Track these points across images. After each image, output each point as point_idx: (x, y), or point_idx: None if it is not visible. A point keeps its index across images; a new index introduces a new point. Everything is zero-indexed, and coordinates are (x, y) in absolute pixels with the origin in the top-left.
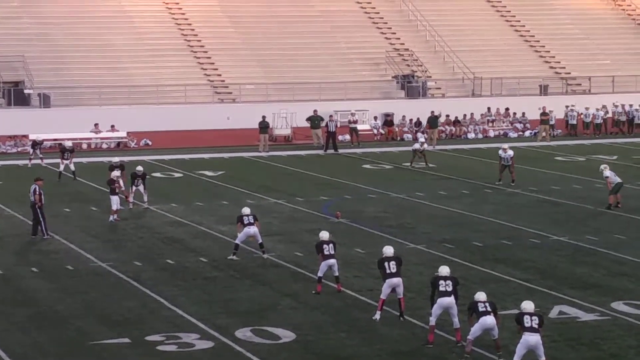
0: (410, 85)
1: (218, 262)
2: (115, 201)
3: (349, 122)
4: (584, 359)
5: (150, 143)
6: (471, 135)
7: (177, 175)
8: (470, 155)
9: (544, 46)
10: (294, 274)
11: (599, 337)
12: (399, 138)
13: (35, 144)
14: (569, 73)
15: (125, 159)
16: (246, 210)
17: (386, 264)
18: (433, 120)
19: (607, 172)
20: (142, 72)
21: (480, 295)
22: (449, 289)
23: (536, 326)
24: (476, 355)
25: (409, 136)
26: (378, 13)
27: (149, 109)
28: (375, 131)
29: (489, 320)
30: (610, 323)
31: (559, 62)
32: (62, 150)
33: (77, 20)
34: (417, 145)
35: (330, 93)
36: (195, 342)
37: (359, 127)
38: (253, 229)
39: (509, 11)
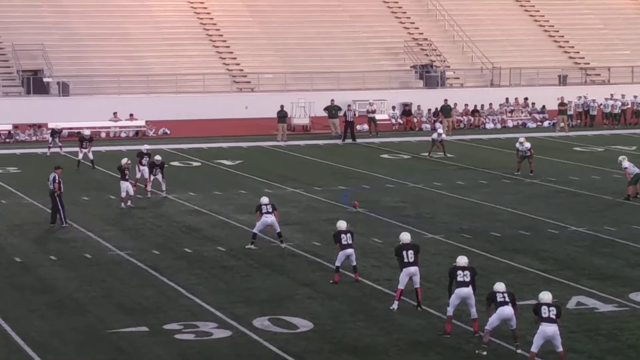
0: (429, 75)
1: (236, 252)
2: (124, 187)
3: (367, 111)
4: (602, 350)
5: (168, 132)
6: (489, 126)
7: (195, 164)
8: (488, 145)
9: (563, 36)
10: (311, 263)
11: (617, 328)
12: (417, 128)
13: (55, 133)
14: (588, 63)
15: (142, 147)
16: (264, 200)
17: (404, 252)
18: (446, 109)
19: (626, 163)
20: (160, 61)
21: (499, 286)
22: (467, 279)
23: (554, 317)
24: (494, 346)
25: (427, 126)
26: (397, 2)
27: (167, 98)
28: (393, 121)
29: (507, 310)
30: (629, 314)
31: (578, 52)
32: (80, 139)
33: (96, 9)
34: (435, 135)
35: (349, 82)
36: (213, 330)
37: (377, 116)
38: (271, 218)
39: (529, 1)
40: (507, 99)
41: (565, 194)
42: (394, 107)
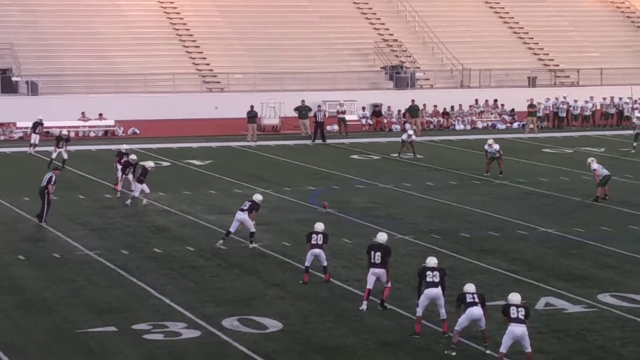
0: (399, 76)
1: (205, 251)
2: (139, 188)
3: (337, 112)
4: (570, 351)
5: (138, 132)
6: (459, 127)
7: (164, 164)
8: (458, 146)
9: (532, 38)
10: (281, 263)
11: (585, 328)
12: (387, 129)
13: (37, 125)
14: (558, 65)
15: (113, 147)
16: (257, 197)
17: (372, 252)
18: (414, 109)
19: (595, 165)
20: (130, 60)
21: (469, 287)
22: (436, 279)
23: (522, 317)
24: (463, 346)
25: (397, 127)
26: (367, 3)
27: (136, 98)
28: (363, 122)
29: (476, 311)
30: (597, 315)
31: (548, 54)
32: (57, 138)
33: (65, 8)
34: (405, 136)
35: (319, 83)
36: (182, 331)
37: (347, 117)
38: (241, 216)
39: (498, 3)
40: (476, 101)
41: (534, 195)
42: (364, 108)
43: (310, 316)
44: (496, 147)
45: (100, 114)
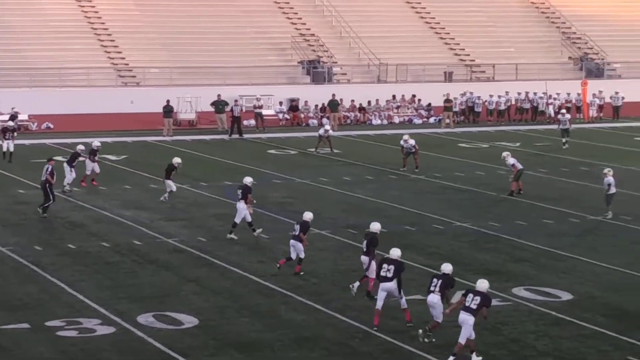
0: (316, 71)
1: (121, 247)
2: (169, 184)
3: (254, 107)
4: (486, 344)
5: (52, 126)
6: (376, 122)
7: (79, 159)
8: (375, 141)
9: (449, 33)
10: (197, 259)
11: (500, 322)
12: (304, 124)
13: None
14: (474, 60)
15: (27, 142)
16: (247, 180)
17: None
18: (334, 104)
19: (511, 159)
20: (44, 54)
21: (446, 267)
22: (389, 275)
23: (474, 307)
24: (380, 341)
25: (315, 122)
26: None
27: (51, 92)
28: (280, 116)
29: (429, 298)
30: (512, 308)
31: (464, 50)
32: (4, 130)
33: None
34: (322, 131)
35: (236, 78)
36: (96, 327)
37: (264, 112)
38: (240, 205)
39: None
40: (393, 96)
41: (450, 189)
42: (281, 103)
43: (226, 311)
44: (412, 142)
45: (13, 109)
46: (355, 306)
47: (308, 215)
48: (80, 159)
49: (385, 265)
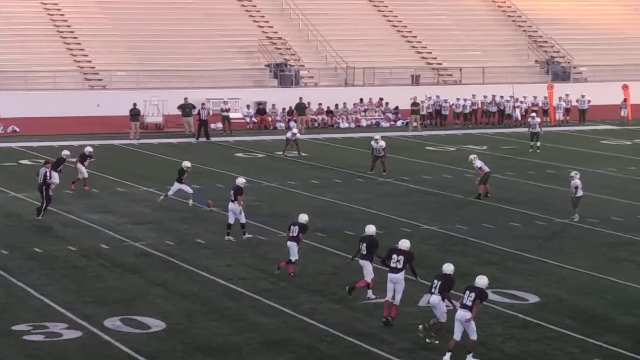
0: (283, 74)
1: (88, 251)
2: (179, 188)
3: (221, 110)
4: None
5: (18, 130)
6: (344, 125)
7: (65, 163)
8: (342, 144)
9: (416, 37)
10: (164, 262)
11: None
12: (271, 127)
13: None
14: (441, 64)
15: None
16: (239, 181)
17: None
18: (301, 107)
19: (478, 162)
20: (9, 57)
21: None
22: (399, 265)
23: (469, 303)
24: (347, 344)
25: (282, 125)
26: (251, 1)
27: (16, 95)
28: (247, 120)
29: (432, 299)
30: (479, 311)
31: (431, 53)
32: None
33: None
34: (289, 134)
35: (203, 81)
36: (63, 331)
37: (232, 115)
38: (231, 206)
39: (382, 1)
40: (361, 99)
41: (418, 192)
42: (248, 106)
43: (193, 315)
44: (382, 143)
45: None
46: (324, 309)
47: (304, 218)
48: (66, 163)
49: (394, 256)
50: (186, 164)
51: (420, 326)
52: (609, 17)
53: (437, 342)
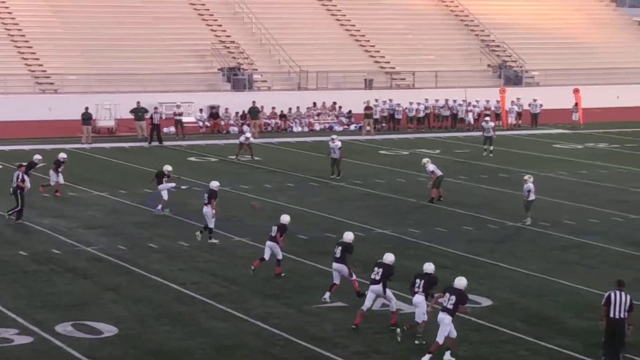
0: (236, 78)
1: (39, 256)
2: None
3: (174, 114)
4: (408, 350)
5: None
6: (297, 129)
7: (37, 167)
8: (295, 148)
9: (369, 40)
10: (116, 267)
11: (423, 328)
12: (224, 131)
13: None
14: (394, 68)
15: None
16: (213, 184)
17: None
18: (254, 111)
19: (431, 166)
20: None
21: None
22: (377, 277)
23: (449, 307)
24: (300, 348)
25: (235, 129)
26: (204, 5)
27: None
28: (200, 124)
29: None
30: (433, 314)
31: (384, 57)
32: None
33: None
34: (242, 138)
35: (155, 85)
36: (13, 337)
37: (184, 119)
38: (205, 209)
39: (335, 5)
40: (314, 103)
41: (370, 196)
42: (201, 110)
43: (145, 320)
44: (338, 143)
45: None
46: (277, 314)
47: (285, 219)
48: (38, 166)
49: (375, 269)
50: (167, 167)
51: (399, 329)
52: (561, 22)
53: (424, 342)
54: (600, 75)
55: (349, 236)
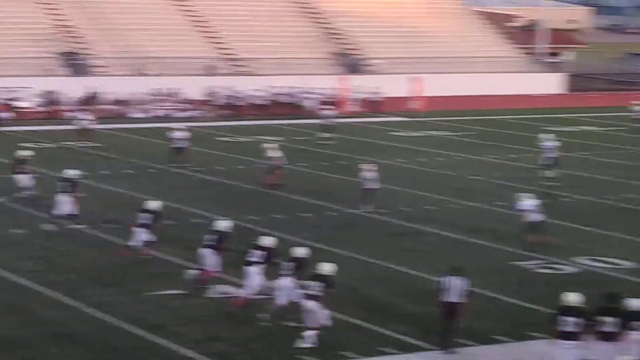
0: (75, 63)
1: None
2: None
3: (10, 99)
4: (245, 338)
5: None
6: (136, 115)
7: None
8: (135, 134)
9: (210, 27)
10: None
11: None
12: (62, 116)
13: None
14: (236, 54)
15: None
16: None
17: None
18: (92, 97)
19: (271, 153)
20: None
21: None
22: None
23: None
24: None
25: (73, 114)
26: None
27: None
28: (37, 109)
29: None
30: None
31: (226, 44)
32: None
33: None
34: (80, 124)
35: None
36: None
37: (21, 104)
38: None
39: None
40: (155, 89)
41: (210, 183)
42: (38, 95)
43: None
44: (181, 134)
45: None
46: (115, 301)
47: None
48: None
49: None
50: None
51: (265, 316)
52: (402, 11)
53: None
54: (440, 63)
55: (223, 224)
